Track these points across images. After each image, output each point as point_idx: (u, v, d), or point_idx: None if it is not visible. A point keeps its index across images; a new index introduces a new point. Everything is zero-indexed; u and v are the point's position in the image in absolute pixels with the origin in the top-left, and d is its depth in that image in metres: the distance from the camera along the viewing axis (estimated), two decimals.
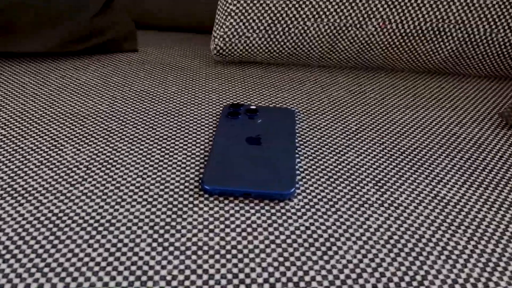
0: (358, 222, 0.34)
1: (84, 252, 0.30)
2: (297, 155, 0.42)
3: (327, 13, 0.57)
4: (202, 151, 0.42)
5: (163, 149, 0.42)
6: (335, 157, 0.42)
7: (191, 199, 0.35)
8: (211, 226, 0.33)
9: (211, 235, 0.32)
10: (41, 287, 0.27)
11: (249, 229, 0.33)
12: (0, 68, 0.57)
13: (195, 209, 0.34)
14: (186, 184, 0.37)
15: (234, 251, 0.31)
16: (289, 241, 0.32)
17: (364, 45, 0.59)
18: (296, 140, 0.44)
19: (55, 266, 0.29)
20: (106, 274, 0.29)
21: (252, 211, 0.34)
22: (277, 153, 0.40)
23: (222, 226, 0.33)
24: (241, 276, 0.29)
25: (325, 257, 0.31)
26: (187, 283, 0.28)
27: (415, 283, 0.29)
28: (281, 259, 0.30)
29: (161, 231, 0.32)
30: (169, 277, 0.29)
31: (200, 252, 0.30)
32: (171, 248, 0.31)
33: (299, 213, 0.34)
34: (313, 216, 0.34)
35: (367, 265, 0.30)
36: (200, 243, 0.31)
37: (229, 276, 0.29)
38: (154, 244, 0.31)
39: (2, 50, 0.58)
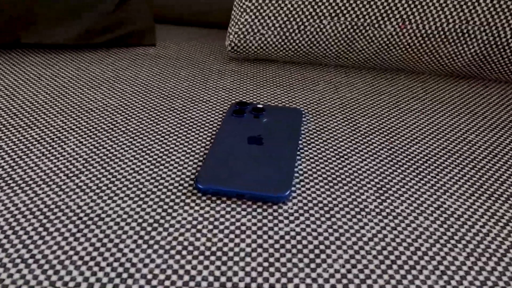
0: (351, 230, 0.32)
1: (69, 246, 0.30)
2: (298, 157, 0.41)
3: (344, 11, 0.56)
4: (202, 149, 0.41)
5: (163, 145, 0.41)
6: (338, 161, 0.40)
7: (183, 197, 0.35)
8: (199, 226, 0.32)
9: (198, 235, 0.31)
10: (23, 278, 0.28)
11: (237, 231, 0.32)
12: (19, 58, 0.59)
13: (186, 207, 0.34)
14: (181, 182, 0.37)
15: (219, 253, 0.30)
16: (276, 246, 0.31)
17: (383, 46, 0.57)
18: (300, 142, 0.43)
19: (39, 258, 0.29)
20: (88, 269, 0.29)
21: (244, 212, 0.34)
22: (277, 154, 0.39)
23: (210, 226, 0.32)
24: (223, 279, 0.28)
25: (312, 265, 0.30)
26: (167, 283, 0.28)
27: None
28: (266, 264, 0.30)
29: (149, 228, 0.32)
30: (149, 276, 0.28)
31: (184, 252, 0.30)
32: (155, 246, 0.30)
33: (291, 218, 0.33)
34: (306, 222, 0.33)
35: (355, 276, 0.29)
36: (185, 243, 0.31)
37: (211, 278, 0.28)
38: (140, 241, 0.31)
39: (24, 41, 0.60)
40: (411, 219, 0.34)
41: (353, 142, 0.43)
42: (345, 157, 0.41)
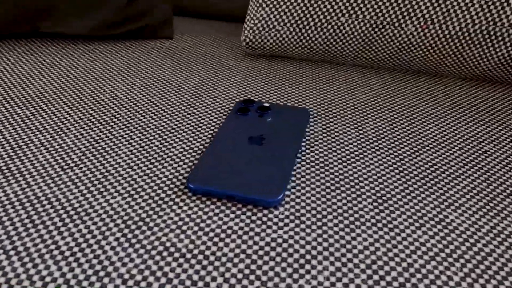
0: (342, 241, 0.31)
1: (52, 239, 0.30)
2: (298, 160, 0.39)
3: (363, 9, 0.53)
4: (201, 147, 0.40)
5: (162, 142, 0.41)
6: (339, 166, 0.39)
7: (173, 196, 0.34)
8: (184, 227, 0.31)
9: (181, 236, 0.31)
10: (2, 269, 0.28)
11: (222, 235, 0.31)
12: (36, 48, 0.60)
13: (174, 207, 0.33)
14: (174, 180, 0.36)
15: (200, 257, 0.29)
16: (261, 252, 0.30)
17: (403, 46, 0.54)
18: (303, 144, 0.41)
19: (21, 250, 0.29)
20: (67, 264, 0.28)
21: (232, 215, 0.33)
22: (276, 156, 0.38)
23: (196, 228, 0.31)
24: (200, 284, 0.28)
25: (295, 275, 0.28)
26: (143, 284, 0.27)
27: None
28: (247, 271, 0.29)
29: (133, 227, 0.31)
30: (126, 276, 0.28)
31: (165, 253, 0.29)
32: (137, 246, 0.30)
33: (280, 224, 0.32)
34: (295, 229, 0.32)
35: None
36: (168, 244, 0.30)
37: (188, 282, 0.28)
38: (122, 239, 0.30)
39: (44, 30, 0.61)
40: (408, 232, 0.32)
41: (359, 146, 0.42)
42: (348, 162, 0.39)
